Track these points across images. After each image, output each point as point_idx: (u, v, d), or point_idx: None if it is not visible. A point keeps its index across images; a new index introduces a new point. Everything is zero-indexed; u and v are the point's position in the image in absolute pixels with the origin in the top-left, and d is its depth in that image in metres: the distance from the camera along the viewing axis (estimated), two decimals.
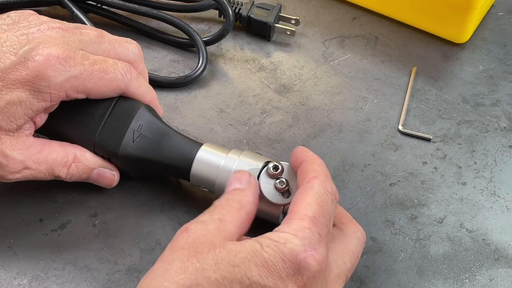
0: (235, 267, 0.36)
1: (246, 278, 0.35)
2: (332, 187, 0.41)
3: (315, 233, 0.38)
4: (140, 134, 0.47)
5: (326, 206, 0.40)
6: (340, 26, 0.65)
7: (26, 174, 0.44)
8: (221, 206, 0.41)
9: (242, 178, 0.43)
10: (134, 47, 0.48)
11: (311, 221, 0.38)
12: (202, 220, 0.39)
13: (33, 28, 0.44)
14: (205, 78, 0.59)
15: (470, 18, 0.60)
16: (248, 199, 0.41)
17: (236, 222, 0.40)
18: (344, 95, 0.58)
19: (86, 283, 0.45)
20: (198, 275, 0.35)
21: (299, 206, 0.39)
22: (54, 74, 0.42)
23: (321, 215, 0.39)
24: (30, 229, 0.48)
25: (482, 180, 0.52)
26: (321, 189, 0.40)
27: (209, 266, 0.36)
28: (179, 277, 0.35)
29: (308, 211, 0.39)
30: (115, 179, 0.49)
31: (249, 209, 0.41)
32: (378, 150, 0.54)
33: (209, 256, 0.36)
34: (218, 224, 0.39)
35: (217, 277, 0.35)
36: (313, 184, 0.41)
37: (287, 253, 0.36)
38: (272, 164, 0.44)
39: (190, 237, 0.38)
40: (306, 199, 0.40)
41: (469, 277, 0.46)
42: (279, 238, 0.37)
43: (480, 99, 0.58)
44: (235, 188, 0.42)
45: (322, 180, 0.41)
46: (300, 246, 0.37)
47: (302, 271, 0.36)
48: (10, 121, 0.42)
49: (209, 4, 0.61)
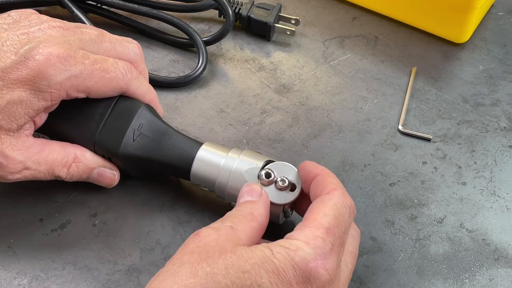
0: (245, 273, 0.36)
1: (256, 285, 0.35)
2: (351, 202, 0.41)
3: (328, 243, 0.37)
4: (141, 134, 0.47)
5: (343, 219, 0.39)
6: (340, 26, 0.65)
7: (26, 175, 0.44)
8: (233, 215, 0.41)
9: (254, 191, 0.43)
10: (134, 47, 0.48)
11: (325, 231, 0.38)
12: (213, 227, 0.39)
13: (33, 27, 0.44)
14: (205, 78, 0.59)
15: (470, 18, 0.60)
16: (260, 211, 0.41)
17: (247, 232, 0.40)
18: (344, 95, 0.58)
19: (86, 283, 0.45)
20: (208, 280, 0.35)
21: (315, 215, 0.39)
22: (55, 73, 0.42)
23: (336, 226, 0.39)
24: (30, 229, 0.48)
25: (482, 180, 0.52)
26: (340, 201, 0.40)
27: (219, 271, 0.36)
28: (189, 280, 0.35)
29: (324, 221, 0.39)
30: (116, 178, 0.49)
31: (261, 220, 0.41)
32: (378, 150, 0.54)
33: (220, 261, 0.36)
34: (229, 231, 0.39)
35: (227, 282, 0.35)
36: (332, 196, 0.41)
37: (298, 260, 0.36)
38: (264, 172, 0.44)
39: (201, 242, 0.38)
40: (324, 209, 0.40)
41: (469, 277, 0.46)
42: (290, 245, 0.37)
43: (480, 99, 0.58)
44: (247, 201, 0.42)
45: (341, 193, 0.41)
46: (311, 255, 0.37)
47: (312, 280, 0.36)
48: (10, 121, 0.42)
49: (209, 4, 0.61)
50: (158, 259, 0.46)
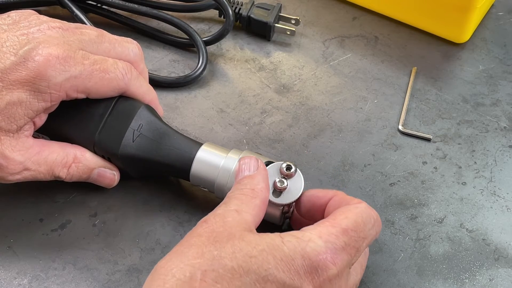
0: (252, 257, 0.36)
1: (263, 270, 0.36)
2: (377, 216, 0.41)
3: (341, 241, 0.38)
4: (140, 134, 0.47)
5: (365, 226, 0.39)
6: (340, 26, 0.65)
7: (26, 175, 0.44)
8: (235, 197, 0.41)
9: (251, 164, 0.43)
10: (134, 47, 0.48)
11: (342, 231, 0.38)
12: (219, 213, 0.39)
13: (33, 28, 0.44)
14: (205, 78, 0.59)
15: (470, 18, 0.60)
16: (260, 186, 0.42)
17: (252, 211, 0.40)
18: (344, 95, 0.58)
19: (86, 283, 0.45)
20: (215, 262, 0.35)
21: (336, 215, 0.39)
22: (54, 74, 0.42)
23: (354, 230, 0.39)
24: (30, 229, 0.48)
25: (482, 180, 0.52)
26: (366, 211, 0.40)
27: (227, 255, 0.36)
28: (195, 260, 0.36)
29: (343, 223, 0.39)
30: (115, 178, 0.49)
31: (262, 195, 0.41)
32: (378, 150, 0.54)
33: (228, 246, 0.36)
34: (235, 216, 0.39)
35: (233, 265, 0.35)
36: (359, 205, 0.41)
37: (308, 251, 0.36)
38: (286, 164, 0.44)
39: (210, 227, 0.38)
40: (347, 213, 0.40)
41: (469, 277, 0.46)
42: (303, 236, 0.37)
43: (480, 99, 0.58)
44: (245, 176, 0.42)
45: (368, 206, 0.41)
46: (322, 247, 0.37)
47: (320, 271, 0.36)
48: (10, 122, 0.42)
49: (209, 4, 0.61)
50: (158, 259, 0.45)
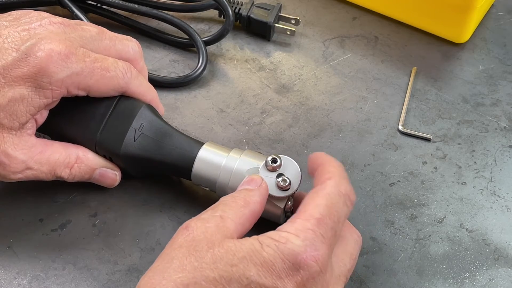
0: (234, 266, 0.36)
1: (245, 278, 0.35)
2: (346, 188, 0.40)
3: (318, 234, 0.37)
4: (142, 133, 0.47)
5: (336, 208, 0.39)
6: (340, 26, 0.65)
7: (28, 174, 0.44)
8: (225, 202, 0.40)
9: (254, 181, 0.43)
10: (134, 45, 0.48)
11: (316, 222, 0.38)
12: (202, 218, 0.39)
13: (34, 23, 0.44)
14: (205, 78, 0.59)
15: (470, 18, 0.60)
16: (254, 198, 0.41)
17: (238, 220, 0.39)
18: (344, 95, 0.58)
19: (86, 283, 0.45)
20: (196, 274, 0.35)
21: (307, 206, 0.39)
22: (56, 70, 0.42)
23: (328, 216, 0.38)
24: (30, 229, 0.47)
25: (482, 180, 0.52)
26: (333, 190, 0.40)
27: (207, 265, 0.36)
28: (177, 275, 0.35)
29: (315, 212, 0.38)
30: (117, 178, 0.49)
31: (254, 208, 0.41)
32: (378, 150, 0.54)
33: (208, 255, 0.36)
34: (218, 222, 0.38)
35: (215, 276, 0.35)
36: (325, 186, 0.40)
37: (287, 253, 0.36)
38: (271, 158, 0.44)
39: (190, 236, 0.38)
40: (316, 200, 0.39)
41: (469, 277, 0.46)
42: (280, 238, 0.37)
43: (480, 99, 0.58)
44: (244, 188, 0.42)
45: (336, 181, 0.40)
46: (300, 247, 0.36)
47: (302, 271, 0.36)
48: (12, 119, 0.42)
49: (209, 4, 0.61)
50: None
